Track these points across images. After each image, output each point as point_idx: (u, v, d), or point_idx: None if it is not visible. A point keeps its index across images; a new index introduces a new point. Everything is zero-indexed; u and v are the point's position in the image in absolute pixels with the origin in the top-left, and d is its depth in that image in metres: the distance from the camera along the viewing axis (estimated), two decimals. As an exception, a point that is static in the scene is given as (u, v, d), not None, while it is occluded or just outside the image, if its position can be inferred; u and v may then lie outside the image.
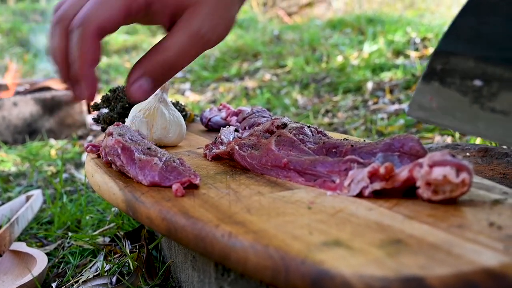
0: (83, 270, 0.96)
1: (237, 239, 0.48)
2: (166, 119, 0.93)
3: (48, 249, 1.09)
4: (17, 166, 2.03)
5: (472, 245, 0.42)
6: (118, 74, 4.64)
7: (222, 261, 0.50)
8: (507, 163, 0.91)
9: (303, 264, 0.41)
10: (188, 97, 3.42)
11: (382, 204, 0.54)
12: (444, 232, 0.45)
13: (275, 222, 0.50)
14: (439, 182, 0.51)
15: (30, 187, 1.68)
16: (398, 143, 0.60)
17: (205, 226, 0.52)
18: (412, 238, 0.44)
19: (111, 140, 0.76)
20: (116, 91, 1.08)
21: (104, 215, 1.26)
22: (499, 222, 0.47)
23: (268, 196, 0.59)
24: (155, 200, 0.61)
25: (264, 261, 0.44)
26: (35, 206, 1.33)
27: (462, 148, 1.03)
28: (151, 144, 0.79)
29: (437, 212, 0.50)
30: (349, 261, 0.40)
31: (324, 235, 0.46)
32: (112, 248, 1.03)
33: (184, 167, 0.69)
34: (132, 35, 6.54)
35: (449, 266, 0.38)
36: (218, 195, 0.61)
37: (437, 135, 1.83)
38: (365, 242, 0.44)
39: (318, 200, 0.57)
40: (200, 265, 0.66)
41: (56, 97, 2.59)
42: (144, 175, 0.68)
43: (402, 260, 0.40)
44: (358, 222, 0.49)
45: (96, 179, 0.76)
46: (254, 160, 0.72)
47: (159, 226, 0.58)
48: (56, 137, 2.56)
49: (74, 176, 1.80)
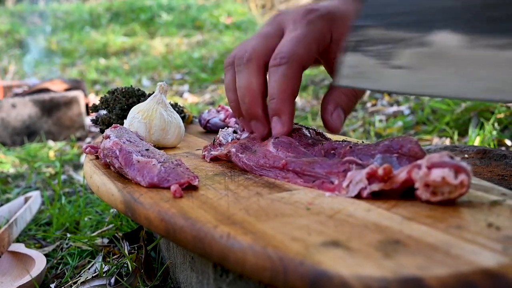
0: (81, 271, 0.96)
1: (236, 240, 0.48)
2: (164, 121, 0.94)
3: (47, 250, 1.09)
4: (16, 167, 2.03)
5: (471, 245, 0.42)
6: (116, 75, 4.65)
7: (221, 262, 0.50)
8: (505, 164, 0.92)
9: (302, 265, 0.41)
10: (186, 99, 3.42)
11: (380, 205, 0.54)
12: (442, 233, 0.45)
13: (273, 223, 0.50)
14: (437, 184, 0.51)
15: (29, 189, 1.68)
16: (397, 145, 0.60)
17: (204, 227, 0.52)
18: (410, 239, 0.44)
19: (109, 143, 0.76)
20: (115, 93, 1.08)
21: (102, 216, 1.26)
22: (497, 223, 0.47)
23: (266, 197, 0.59)
24: (154, 201, 0.61)
25: (262, 262, 0.44)
26: (34, 208, 1.33)
27: (460, 150, 1.03)
28: (149, 145, 0.79)
29: (436, 213, 0.50)
30: (347, 261, 0.41)
31: (322, 236, 0.46)
32: (110, 249, 1.03)
33: (183, 168, 0.69)
34: (130, 37, 6.54)
35: (447, 266, 0.38)
36: (217, 196, 0.61)
37: (435, 137, 1.83)
38: (363, 243, 0.44)
39: (317, 201, 0.57)
40: (199, 266, 0.66)
41: (55, 99, 2.59)
42: (143, 176, 0.68)
43: (401, 260, 0.40)
44: (356, 223, 0.49)
45: (95, 180, 0.76)
46: (252, 161, 0.72)
47: (158, 227, 0.58)
48: (55, 138, 2.56)
49: (72, 177, 1.80)
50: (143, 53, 5.69)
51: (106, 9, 8.09)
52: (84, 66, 5.18)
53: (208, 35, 6.45)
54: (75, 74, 4.78)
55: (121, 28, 7.03)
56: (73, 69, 5.08)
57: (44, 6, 8.96)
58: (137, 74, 4.63)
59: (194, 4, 8.24)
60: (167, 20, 7.27)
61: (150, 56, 5.47)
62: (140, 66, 4.98)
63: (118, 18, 7.57)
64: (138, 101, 1.07)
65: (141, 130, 0.92)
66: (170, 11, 7.72)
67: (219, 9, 7.75)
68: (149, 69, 4.82)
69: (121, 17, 7.59)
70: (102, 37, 6.50)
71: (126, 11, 7.79)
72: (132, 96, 1.08)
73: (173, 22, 7.16)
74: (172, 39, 6.34)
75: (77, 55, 5.74)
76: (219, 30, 6.64)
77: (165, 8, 7.91)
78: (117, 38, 6.48)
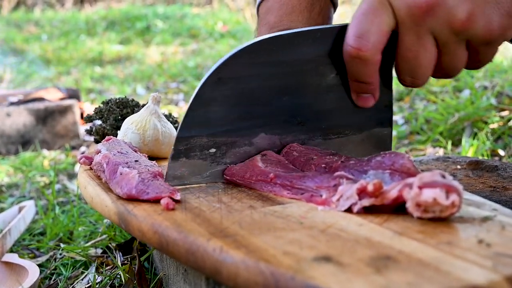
0: (74, 281, 0.96)
1: (228, 254, 0.48)
2: (158, 131, 0.94)
3: (40, 261, 1.09)
4: (10, 176, 2.02)
5: (461, 262, 0.42)
6: (111, 84, 4.64)
7: (213, 276, 0.50)
8: (497, 176, 0.92)
9: (293, 279, 0.42)
10: (181, 108, 3.42)
11: (372, 220, 0.54)
12: (433, 248, 0.45)
13: (266, 237, 0.51)
14: (428, 204, 0.51)
15: (23, 198, 1.68)
16: (389, 161, 0.60)
17: (197, 240, 0.52)
18: (401, 254, 0.44)
19: (99, 157, 0.77)
20: (109, 103, 1.08)
21: (96, 227, 1.26)
22: (488, 239, 0.47)
23: (259, 211, 0.60)
24: (147, 213, 0.61)
25: (254, 277, 0.45)
26: (28, 217, 1.33)
27: (453, 161, 1.03)
28: (141, 156, 0.79)
29: (427, 228, 0.51)
30: (338, 277, 0.41)
31: (314, 251, 0.46)
32: (104, 260, 1.03)
33: (161, 181, 0.69)
34: (126, 46, 6.55)
35: (437, 283, 0.39)
36: (210, 209, 0.61)
37: (429, 146, 1.84)
38: (354, 258, 0.44)
39: (309, 215, 0.57)
40: (192, 278, 0.66)
41: (50, 108, 2.58)
42: (121, 187, 0.68)
43: (391, 276, 0.40)
44: (348, 238, 0.49)
45: (89, 191, 0.77)
46: (235, 176, 0.73)
47: (151, 240, 0.58)
48: (49, 147, 2.55)
49: (66, 187, 1.80)
50: (138, 62, 5.69)
51: (101, 18, 8.09)
52: (79, 75, 5.17)
53: (204, 43, 6.46)
54: (70, 83, 4.77)
55: (116, 37, 7.03)
56: (68, 78, 5.08)
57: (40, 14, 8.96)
58: (132, 83, 4.63)
59: (189, 13, 8.25)
60: (163, 28, 7.28)
61: (145, 65, 5.46)
62: (135, 75, 4.97)
63: (114, 27, 7.57)
64: (132, 112, 1.07)
65: (135, 141, 0.92)
66: (165, 20, 7.73)
67: (214, 18, 7.76)
68: (144, 78, 4.81)
69: (116, 26, 7.59)
70: (97, 46, 6.50)
71: (122, 20, 7.79)
72: (126, 106, 1.08)
73: (168, 30, 7.17)
74: (167, 47, 6.35)
75: (72, 64, 5.74)
76: (215, 39, 6.64)
77: (160, 16, 7.92)
78: (113, 46, 6.48)
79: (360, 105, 0.76)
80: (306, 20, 0.91)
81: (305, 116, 0.77)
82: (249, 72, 0.72)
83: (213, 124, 0.72)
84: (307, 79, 0.75)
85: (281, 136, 0.77)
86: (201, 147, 0.73)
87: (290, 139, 0.77)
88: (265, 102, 0.74)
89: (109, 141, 0.84)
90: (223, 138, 0.74)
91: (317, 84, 0.75)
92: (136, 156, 0.78)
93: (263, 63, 0.72)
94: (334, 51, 0.73)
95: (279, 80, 0.74)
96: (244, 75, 0.72)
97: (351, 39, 0.68)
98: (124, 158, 0.75)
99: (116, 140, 0.84)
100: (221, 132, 0.73)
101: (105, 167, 0.74)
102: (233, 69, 0.71)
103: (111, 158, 0.74)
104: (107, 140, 0.84)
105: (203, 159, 0.73)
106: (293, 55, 0.73)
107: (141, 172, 0.69)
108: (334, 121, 0.79)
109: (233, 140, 0.74)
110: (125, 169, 0.70)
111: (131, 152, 0.80)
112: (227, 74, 0.71)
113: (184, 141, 0.72)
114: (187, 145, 0.72)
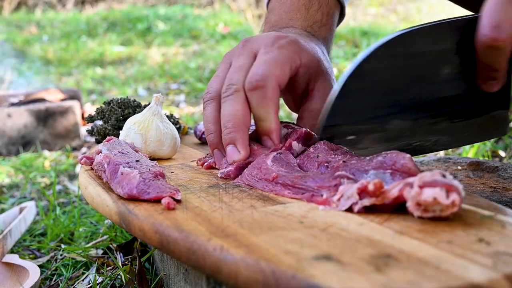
0: (75, 282, 0.96)
1: (229, 253, 0.48)
2: (160, 132, 0.94)
3: (41, 261, 1.09)
4: (11, 177, 2.03)
5: (461, 260, 0.42)
6: (113, 85, 4.65)
7: (214, 275, 0.50)
8: (498, 176, 0.92)
9: (294, 278, 0.42)
10: (182, 109, 3.42)
11: (373, 219, 0.54)
12: (433, 247, 0.45)
13: (267, 236, 0.51)
14: (429, 203, 0.51)
15: (24, 199, 1.68)
16: (390, 161, 0.60)
17: (197, 239, 0.52)
18: (401, 253, 0.45)
19: (100, 157, 0.77)
20: (111, 104, 1.08)
21: (97, 227, 1.26)
22: (488, 238, 0.47)
23: (260, 210, 0.60)
24: (148, 213, 0.61)
25: (255, 275, 0.45)
26: (28, 218, 1.33)
27: (454, 162, 1.03)
28: (142, 156, 0.79)
29: (427, 227, 0.51)
30: (339, 275, 0.41)
31: (315, 250, 0.46)
32: (104, 260, 1.03)
33: (162, 181, 0.69)
34: (127, 47, 6.55)
35: (437, 281, 0.39)
36: (211, 209, 0.61)
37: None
38: (355, 257, 0.44)
39: (310, 215, 0.57)
40: (192, 278, 0.66)
41: (50, 109, 2.59)
42: (122, 187, 0.68)
43: (392, 275, 0.40)
44: (349, 237, 0.49)
45: (90, 191, 0.77)
46: (248, 170, 0.73)
47: (152, 239, 0.59)
48: (50, 148, 2.56)
49: (67, 187, 1.80)
50: (139, 63, 5.69)
51: (103, 19, 8.10)
52: (80, 76, 5.18)
53: (205, 44, 6.46)
54: (71, 84, 4.77)
55: (117, 38, 7.03)
56: (69, 79, 5.08)
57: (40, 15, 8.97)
58: (133, 84, 4.63)
59: (190, 14, 8.25)
60: (164, 29, 7.28)
61: (147, 66, 5.46)
62: (136, 76, 4.97)
63: (115, 28, 7.58)
64: (134, 112, 1.07)
65: (137, 141, 0.92)
66: (166, 21, 7.73)
67: (216, 19, 7.76)
68: (146, 79, 4.81)
69: (117, 27, 7.60)
70: (98, 47, 6.50)
71: (123, 21, 7.80)
72: (128, 107, 1.08)
73: (169, 31, 7.17)
74: (168, 48, 6.35)
75: (73, 65, 5.74)
76: (216, 40, 6.64)
77: (161, 17, 7.93)
78: (114, 47, 6.48)
79: (485, 90, 0.80)
80: (304, 17, 0.93)
81: (433, 102, 0.81)
82: (387, 65, 0.76)
83: (354, 113, 0.77)
84: (437, 69, 0.79)
85: (411, 121, 0.81)
86: (342, 135, 0.78)
87: (419, 124, 0.82)
88: (399, 91, 0.79)
89: (110, 141, 0.84)
90: (362, 126, 0.79)
91: (445, 72, 0.80)
92: (137, 156, 0.78)
93: (399, 55, 0.77)
94: (464, 40, 0.77)
95: (413, 70, 0.78)
96: (382, 68, 0.76)
97: (487, 29, 0.69)
98: (125, 158, 0.75)
99: (117, 140, 0.84)
100: (361, 121, 0.78)
101: (106, 167, 0.74)
102: (373, 62, 0.75)
103: (112, 158, 0.74)
104: (108, 141, 0.84)
105: (343, 144, 0.78)
106: (427, 46, 0.78)
107: (142, 172, 0.69)
108: (458, 106, 0.83)
109: (370, 127, 0.79)
110: (126, 169, 0.70)
111: (132, 152, 0.80)
112: (367, 68, 0.75)
113: (329, 129, 0.77)
114: (331, 133, 0.78)
